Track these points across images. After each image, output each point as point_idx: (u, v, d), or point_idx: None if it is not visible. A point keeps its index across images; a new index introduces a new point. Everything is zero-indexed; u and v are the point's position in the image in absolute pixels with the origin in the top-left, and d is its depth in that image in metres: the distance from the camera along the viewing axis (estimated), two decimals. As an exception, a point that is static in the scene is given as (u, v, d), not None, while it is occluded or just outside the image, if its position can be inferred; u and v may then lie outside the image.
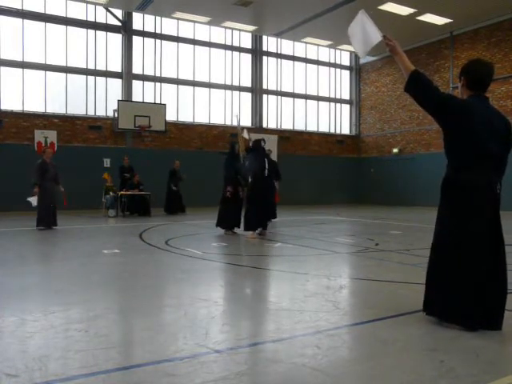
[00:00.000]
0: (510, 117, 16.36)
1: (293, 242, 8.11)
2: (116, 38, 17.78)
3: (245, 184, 9.55)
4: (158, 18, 18.39)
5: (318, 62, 22.44)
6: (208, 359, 2.70)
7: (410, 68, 3.38)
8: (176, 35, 18.81)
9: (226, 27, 18.98)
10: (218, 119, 19.84)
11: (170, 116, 18.39)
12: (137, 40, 18.09)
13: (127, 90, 17.79)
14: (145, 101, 18.00)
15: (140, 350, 2.93)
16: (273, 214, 10.75)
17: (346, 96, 23.60)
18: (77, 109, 17.07)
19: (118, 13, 17.53)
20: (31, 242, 8.39)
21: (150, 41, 18.41)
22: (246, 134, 10.90)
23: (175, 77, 18.89)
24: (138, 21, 18.05)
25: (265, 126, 20.96)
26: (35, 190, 9.99)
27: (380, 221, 12.83)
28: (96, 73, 17.42)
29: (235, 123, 11.84)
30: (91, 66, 17.35)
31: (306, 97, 22.23)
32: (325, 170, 21.45)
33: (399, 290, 4.55)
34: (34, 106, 16.42)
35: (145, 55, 18.37)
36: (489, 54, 17.86)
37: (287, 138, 21.26)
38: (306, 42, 21.02)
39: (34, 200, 9.94)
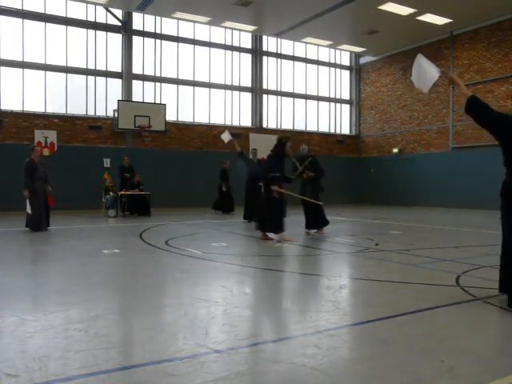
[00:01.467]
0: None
1: (293, 242, 8.10)
2: (116, 38, 17.78)
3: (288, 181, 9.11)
4: (158, 18, 18.39)
5: (318, 62, 22.45)
6: (208, 359, 2.70)
7: (467, 94, 4.00)
8: (176, 35, 18.82)
9: (226, 27, 18.98)
10: (217, 119, 19.84)
11: (170, 116, 18.39)
12: (137, 40, 18.09)
13: (127, 90, 17.79)
14: (145, 101, 18.00)
15: (140, 350, 2.93)
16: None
17: (346, 96, 23.60)
18: (77, 109, 17.08)
19: (118, 13, 17.53)
20: (31, 242, 8.38)
21: (150, 41, 18.41)
22: (226, 136, 10.69)
23: (175, 77, 18.89)
24: (138, 21, 18.06)
25: (265, 126, 20.96)
26: (25, 193, 9.44)
27: (380, 221, 12.82)
28: (96, 73, 17.42)
29: (226, 137, 11.83)
30: (91, 66, 17.35)
31: (306, 97, 22.24)
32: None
33: (399, 289, 4.54)
34: (34, 106, 16.43)
35: (145, 55, 18.37)
36: (489, 54, 17.87)
37: (287, 138, 21.23)
38: (306, 42, 21.02)
39: (28, 208, 9.47)
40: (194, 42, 19.22)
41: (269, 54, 21.10)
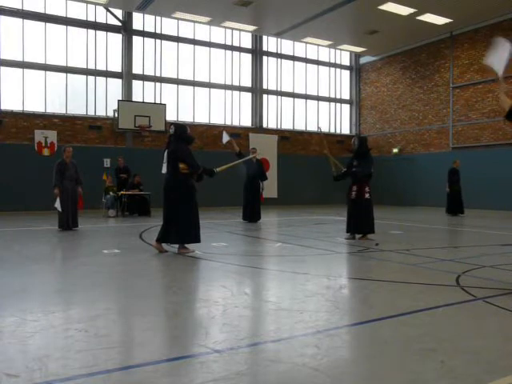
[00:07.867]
0: (510, 117, 16.36)
1: (293, 242, 8.10)
2: (116, 38, 17.78)
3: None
4: (158, 18, 18.39)
5: (318, 62, 22.45)
6: (208, 359, 2.70)
7: (508, 102, 4.24)
8: (176, 35, 18.82)
9: (226, 27, 18.98)
10: (217, 119, 19.84)
11: (170, 116, 18.39)
12: (137, 40, 18.09)
13: (127, 90, 17.79)
14: (145, 101, 18.00)
15: (140, 350, 2.93)
16: None
17: (346, 96, 23.59)
18: (77, 109, 17.08)
19: (118, 13, 17.53)
20: (31, 242, 8.38)
21: (150, 41, 18.41)
22: (224, 137, 10.70)
23: (175, 77, 18.89)
24: (138, 21, 18.05)
25: (265, 126, 20.96)
26: (55, 191, 9.81)
27: (380, 221, 12.81)
28: (96, 73, 17.42)
29: (224, 138, 11.90)
30: (91, 66, 17.35)
31: (306, 97, 22.23)
32: (325, 170, 21.37)
33: (399, 289, 4.54)
34: (34, 105, 16.43)
35: (145, 55, 18.37)
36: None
37: (287, 138, 21.26)
38: (306, 42, 21.01)
39: (58, 205, 9.76)
40: (194, 41, 19.22)
41: (269, 54, 21.10)
